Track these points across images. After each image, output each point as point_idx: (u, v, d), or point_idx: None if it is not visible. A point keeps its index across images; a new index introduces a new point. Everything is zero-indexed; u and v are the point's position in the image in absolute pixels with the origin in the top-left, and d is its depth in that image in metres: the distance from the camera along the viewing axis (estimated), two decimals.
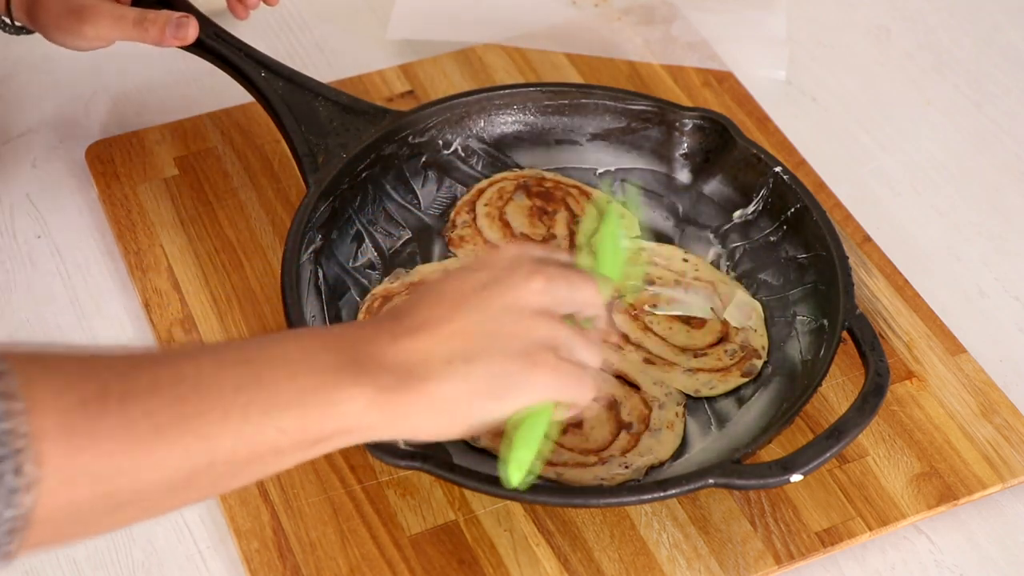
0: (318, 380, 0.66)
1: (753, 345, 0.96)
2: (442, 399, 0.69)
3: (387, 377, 0.68)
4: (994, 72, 1.23)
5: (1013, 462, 0.91)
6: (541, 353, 0.71)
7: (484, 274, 0.73)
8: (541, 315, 0.72)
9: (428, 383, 0.69)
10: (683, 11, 1.23)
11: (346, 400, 0.67)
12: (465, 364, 0.69)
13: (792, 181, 0.99)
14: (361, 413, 0.67)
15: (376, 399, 0.67)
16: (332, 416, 0.67)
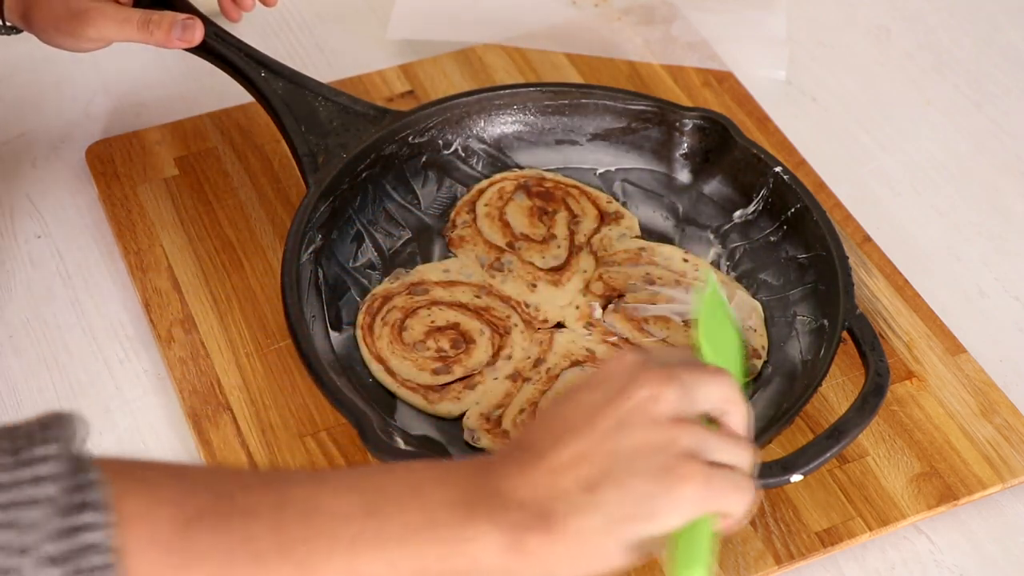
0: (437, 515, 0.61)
1: (752, 345, 0.96)
2: (585, 534, 0.62)
3: (517, 515, 0.62)
4: (994, 72, 1.23)
5: (1013, 462, 0.91)
6: (686, 465, 0.64)
7: (610, 388, 0.66)
8: (678, 423, 0.65)
9: (565, 519, 0.62)
10: (683, 11, 1.23)
11: (468, 540, 0.61)
12: (603, 491, 0.63)
13: (792, 181, 0.99)
14: (485, 554, 0.62)
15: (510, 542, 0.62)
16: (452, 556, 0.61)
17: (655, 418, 0.65)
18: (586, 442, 0.64)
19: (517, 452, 0.65)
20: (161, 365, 0.97)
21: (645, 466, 0.64)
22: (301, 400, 0.93)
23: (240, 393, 0.94)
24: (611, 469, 0.63)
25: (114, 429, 0.94)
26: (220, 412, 0.93)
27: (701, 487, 0.64)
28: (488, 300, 0.97)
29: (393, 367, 0.93)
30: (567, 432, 0.65)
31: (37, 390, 0.96)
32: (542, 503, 0.63)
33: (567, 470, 0.63)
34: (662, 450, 0.64)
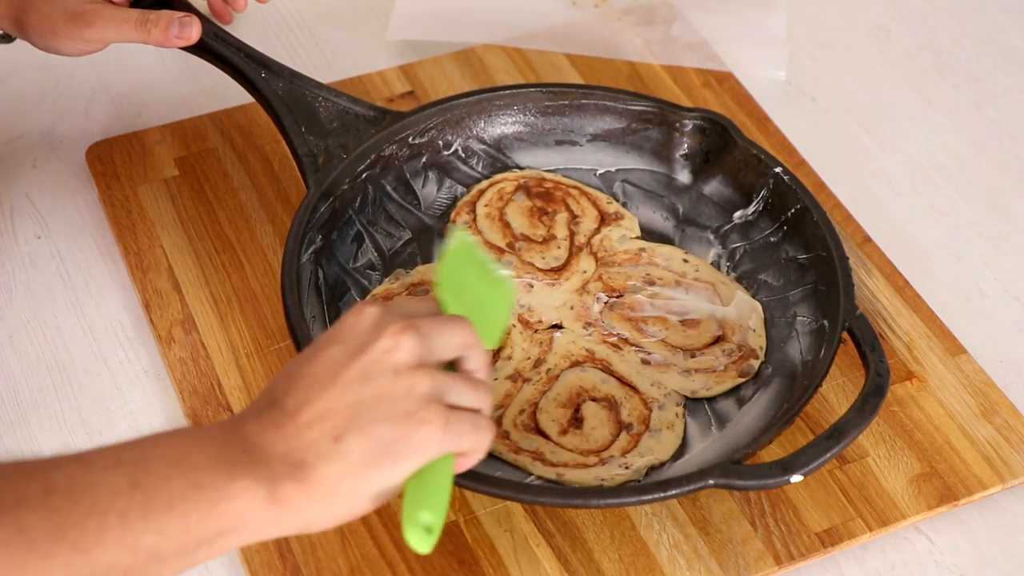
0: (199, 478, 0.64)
1: (751, 345, 0.96)
2: (333, 480, 0.67)
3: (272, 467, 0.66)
4: (994, 72, 1.23)
5: (1013, 462, 0.91)
6: (426, 409, 0.69)
7: (351, 342, 0.70)
8: (418, 369, 0.70)
9: (314, 468, 0.67)
10: (683, 11, 1.23)
11: (230, 497, 0.65)
12: (348, 439, 0.67)
13: (792, 181, 0.99)
14: (247, 509, 0.65)
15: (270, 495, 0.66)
16: (215, 515, 0.64)
17: (395, 367, 0.69)
18: (331, 396, 0.68)
19: (267, 410, 0.69)
20: (161, 365, 0.97)
21: (387, 413, 0.68)
22: None
23: (240, 394, 0.94)
24: (355, 419, 0.68)
25: (114, 429, 0.94)
26: (220, 412, 0.93)
27: (440, 429, 0.69)
28: None
29: None
30: (314, 388, 0.69)
31: (37, 390, 0.96)
32: (295, 455, 0.67)
33: (315, 423, 0.68)
34: (403, 397, 0.69)
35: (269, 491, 0.66)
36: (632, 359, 0.95)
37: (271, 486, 0.66)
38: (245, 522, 0.65)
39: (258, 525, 0.66)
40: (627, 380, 0.93)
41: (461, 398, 0.71)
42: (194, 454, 0.65)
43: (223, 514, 0.65)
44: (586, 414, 0.91)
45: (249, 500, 0.65)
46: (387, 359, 0.70)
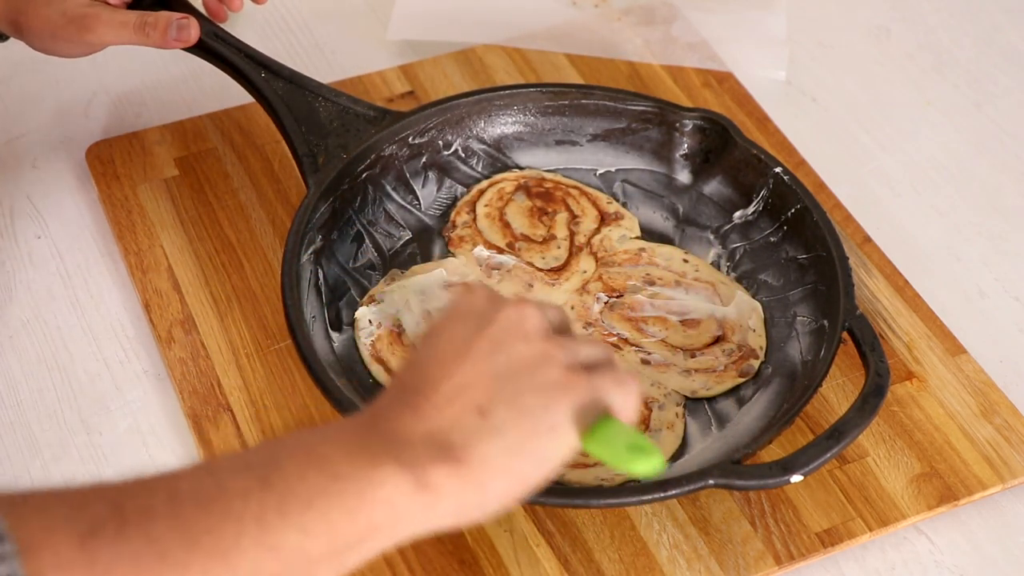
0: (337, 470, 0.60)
1: (751, 345, 0.96)
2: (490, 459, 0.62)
3: (417, 452, 0.61)
4: (994, 72, 1.23)
5: (1013, 462, 0.91)
6: (569, 374, 0.65)
7: (471, 319, 0.67)
8: (548, 338, 0.67)
9: (466, 448, 0.62)
10: (683, 11, 1.23)
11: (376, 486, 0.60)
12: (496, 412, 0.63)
13: (792, 181, 0.99)
14: (397, 499, 0.60)
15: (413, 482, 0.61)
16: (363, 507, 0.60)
17: (527, 335, 0.66)
18: (466, 370, 0.64)
19: (401, 395, 0.65)
20: (161, 365, 0.97)
21: (531, 382, 0.64)
22: (301, 401, 0.93)
23: (240, 394, 0.94)
24: (498, 391, 0.64)
25: (114, 429, 0.94)
26: (220, 413, 0.93)
27: (588, 390, 0.65)
28: None
29: (393, 368, 0.93)
30: (445, 366, 0.65)
31: (37, 390, 0.96)
32: (438, 436, 0.62)
33: (455, 399, 0.63)
34: (542, 364, 0.65)
35: (417, 477, 0.61)
36: (632, 359, 0.95)
37: (419, 472, 0.61)
38: (396, 513, 0.60)
39: (410, 517, 0.61)
40: None
41: (591, 357, 0.67)
42: (327, 448, 0.61)
43: (371, 505, 0.60)
44: None
45: (397, 488, 0.60)
46: (516, 329, 0.66)
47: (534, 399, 0.64)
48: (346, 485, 0.60)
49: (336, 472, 0.60)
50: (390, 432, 0.62)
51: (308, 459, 0.60)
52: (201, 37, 1.01)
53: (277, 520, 0.58)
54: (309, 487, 0.59)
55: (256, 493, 0.58)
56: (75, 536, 0.54)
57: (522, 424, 0.63)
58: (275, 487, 0.58)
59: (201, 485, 0.58)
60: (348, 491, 0.60)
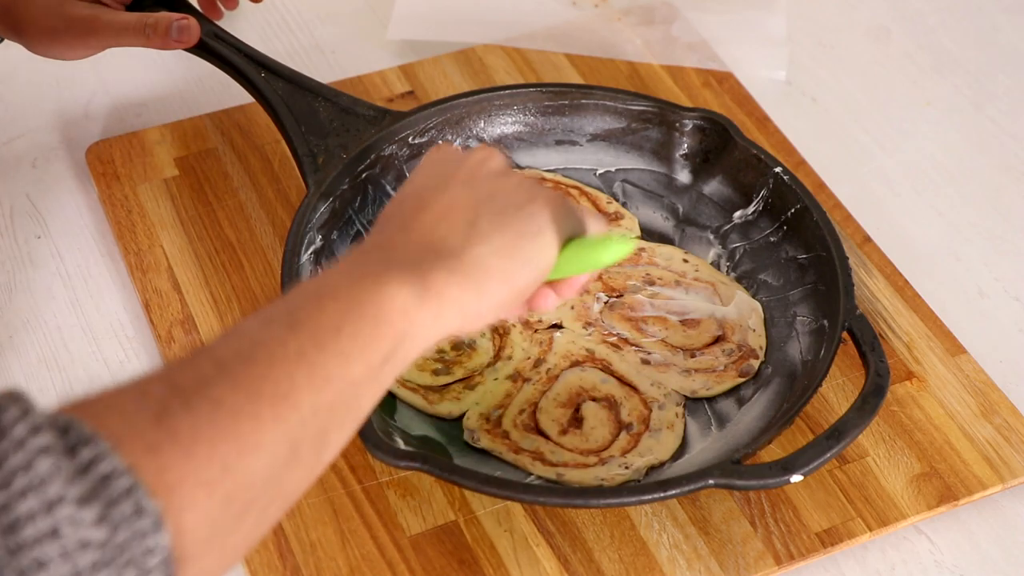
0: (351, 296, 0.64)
1: (751, 345, 0.96)
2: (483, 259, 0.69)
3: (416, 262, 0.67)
4: (994, 72, 1.23)
5: (1013, 462, 0.91)
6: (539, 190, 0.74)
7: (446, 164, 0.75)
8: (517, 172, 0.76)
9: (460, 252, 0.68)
10: (683, 12, 1.23)
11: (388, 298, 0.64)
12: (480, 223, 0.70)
13: (792, 181, 0.99)
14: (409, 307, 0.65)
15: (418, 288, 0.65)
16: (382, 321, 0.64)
17: (496, 171, 0.75)
18: (448, 195, 0.72)
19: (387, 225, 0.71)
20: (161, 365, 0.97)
21: (508, 199, 0.72)
22: None
23: None
24: (481, 206, 0.71)
25: None
26: None
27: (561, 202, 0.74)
28: None
29: None
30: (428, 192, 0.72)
31: (37, 390, 0.96)
32: (433, 244, 0.69)
33: (443, 218, 0.70)
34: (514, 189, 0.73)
35: (422, 284, 0.66)
36: (632, 359, 0.95)
37: (422, 279, 0.66)
38: (412, 321, 0.65)
39: (424, 323, 0.66)
40: (627, 380, 0.93)
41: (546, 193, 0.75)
42: (332, 281, 0.65)
43: (389, 317, 0.64)
44: (586, 414, 0.91)
45: (407, 298, 0.65)
46: (487, 165, 0.74)
47: (516, 209, 0.72)
48: (363, 307, 0.64)
49: (350, 297, 0.64)
50: (388, 252, 0.68)
51: (320, 296, 0.64)
52: (201, 37, 1.01)
53: (316, 353, 0.61)
54: (332, 317, 0.63)
55: (290, 337, 0.61)
56: (150, 420, 0.56)
57: (507, 231, 0.70)
58: (303, 326, 0.62)
59: (238, 345, 0.61)
60: (367, 311, 0.64)
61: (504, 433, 0.90)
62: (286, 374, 0.60)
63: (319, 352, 0.61)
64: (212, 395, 0.58)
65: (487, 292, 0.69)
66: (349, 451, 0.90)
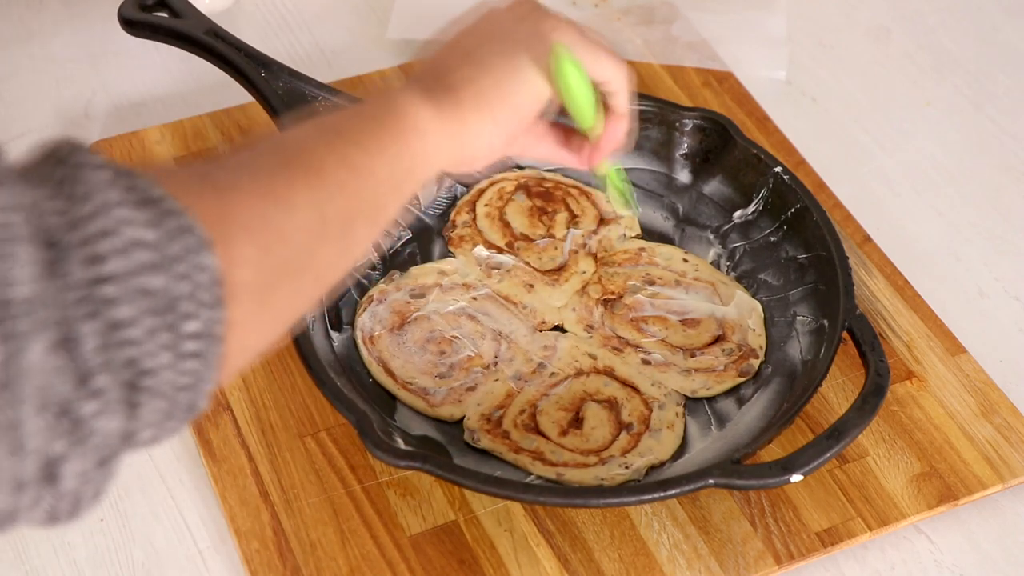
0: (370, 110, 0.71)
1: (751, 345, 0.96)
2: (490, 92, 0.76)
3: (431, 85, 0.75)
4: (994, 72, 1.23)
5: (1013, 462, 0.91)
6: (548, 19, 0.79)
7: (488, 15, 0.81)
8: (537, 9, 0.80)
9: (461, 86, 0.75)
10: (683, 11, 1.23)
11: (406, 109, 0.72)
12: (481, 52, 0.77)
13: (792, 181, 0.99)
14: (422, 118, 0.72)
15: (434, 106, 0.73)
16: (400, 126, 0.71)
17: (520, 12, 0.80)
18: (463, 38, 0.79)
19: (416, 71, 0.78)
20: None
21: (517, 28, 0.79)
22: (301, 400, 0.93)
23: (240, 393, 0.94)
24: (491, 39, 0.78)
25: None
26: (220, 412, 0.93)
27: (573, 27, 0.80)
28: (486, 303, 0.97)
29: (393, 369, 0.93)
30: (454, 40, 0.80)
31: None
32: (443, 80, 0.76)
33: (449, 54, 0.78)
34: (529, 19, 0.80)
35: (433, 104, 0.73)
36: (633, 360, 0.95)
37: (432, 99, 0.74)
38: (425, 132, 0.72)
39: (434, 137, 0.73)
40: (628, 381, 0.93)
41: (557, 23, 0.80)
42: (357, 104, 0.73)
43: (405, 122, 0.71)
44: (586, 414, 0.91)
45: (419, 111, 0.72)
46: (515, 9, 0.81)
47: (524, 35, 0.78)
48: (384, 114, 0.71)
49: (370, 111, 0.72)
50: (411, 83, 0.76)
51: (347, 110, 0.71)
52: (201, 37, 1.01)
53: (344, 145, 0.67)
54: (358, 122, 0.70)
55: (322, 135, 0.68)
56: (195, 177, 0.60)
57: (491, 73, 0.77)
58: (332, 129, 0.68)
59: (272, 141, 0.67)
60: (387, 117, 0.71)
61: (504, 433, 0.90)
62: (317, 156, 0.65)
63: (347, 145, 0.67)
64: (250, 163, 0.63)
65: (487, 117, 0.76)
66: (349, 451, 0.90)
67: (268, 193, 0.61)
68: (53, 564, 0.87)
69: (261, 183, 0.62)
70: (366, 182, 0.68)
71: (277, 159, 0.64)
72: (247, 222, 0.59)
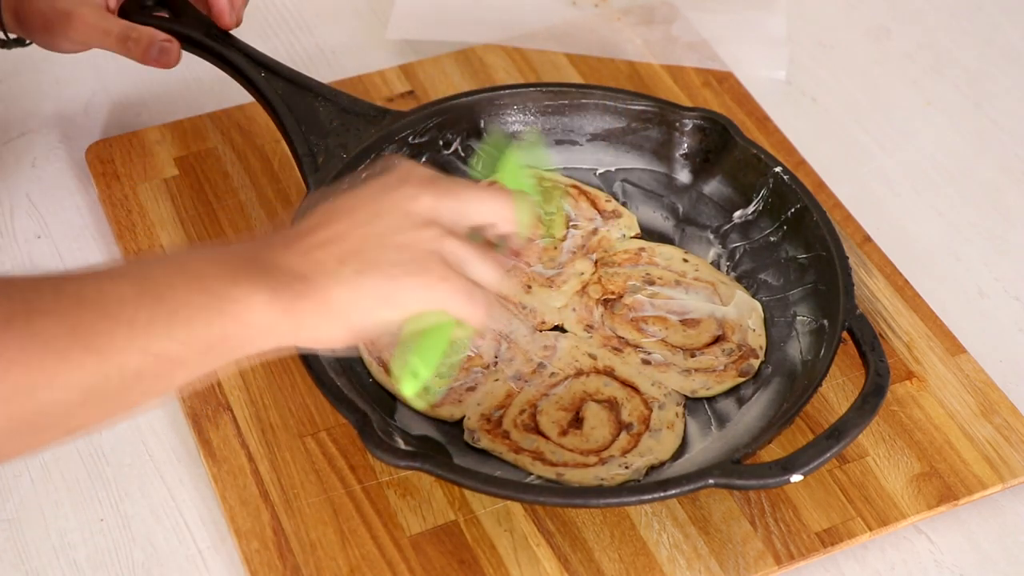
0: (206, 285, 0.67)
1: (751, 345, 0.96)
2: (335, 303, 0.70)
3: (281, 278, 0.69)
4: (994, 72, 1.23)
5: (1013, 462, 0.91)
6: (431, 262, 0.72)
7: (375, 186, 0.74)
8: (430, 226, 0.73)
9: (321, 287, 0.70)
10: (683, 11, 1.23)
11: (239, 300, 0.67)
12: (356, 270, 0.70)
13: (792, 181, 0.99)
14: (256, 314, 0.68)
15: (272, 301, 0.68)
16: (224, 320, 0.67)
17: (408, 213, 0.73)
18: (343, 224, 0.72)
19: (283, 232, 0.73)
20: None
21: (392, 255, 0.71)
22: (301, 400, 0.93)
23: (240, 393, 0.94)
24: (363, 249, 0.71)
25: (114, 429, 0.94)
26: (220, 412, 0.93)
27: (434, 283, 0.71)
28: None
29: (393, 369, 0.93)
30: (331, 216, 0.73)
31: None
32: (300, 269, 0.70)
33: (324, 245, 0.71)
34: (409, 245, 0.72)
35: (271, 297, 0.68)
36: (633, 360, 0.95)
37: (273, 293, 0.68)
38: (249, 327, 0.68)
39: (261, 331, 0.69)
40: (628, 381, 0.93)
41: (467, 266, 0.73)
42: (200, 265, 0.68)
43: (228, 317, 0.67)
44: (586, 414, 0.91)
45: (252, 305, 0.68)
46: (404, 205, 0.73)
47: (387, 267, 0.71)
48: (209, 299, 0.67)
49: (203, 286, 0.67)
50: (259, 259, 0.70)
51: (180, 271, 0.67)
52: (201, 37, 1.01)
53: (146, 325, 0.65)
54: (176, 297, 0.66)
55: (131, 299, 0.65)
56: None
57: (366, 282, 0.71)
58: (147, 294, 0.65)
59: (83, 287, 0.64)
60: (211, 304, 0.67)
61: (504, 433, 0.90)
62: (108, 331, 0.63)
63: (148, 324, 0.65)
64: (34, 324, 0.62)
65: (323, 327, 0.71)
66: (349, 451, 0.90)
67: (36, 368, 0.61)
68: (53, 564, 0.87)
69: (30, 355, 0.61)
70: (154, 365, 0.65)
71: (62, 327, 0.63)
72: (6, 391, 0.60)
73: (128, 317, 0.64)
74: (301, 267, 0.70)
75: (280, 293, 0.68)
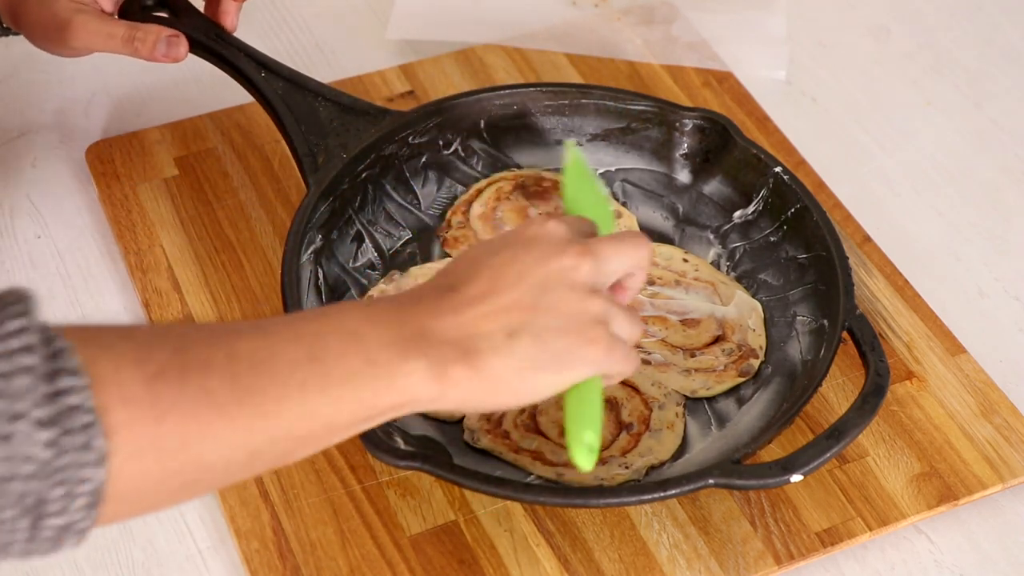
0: (374, 356, 0.67)
1: (751, 345, 0.96)
2: (501, 373, 0.70)
3: (444, 350, 0.69)
4: (994, 72, 1.23)
5: (1013, 462, 0.91)
6: (595, 329, 0.72)
7: (536, 251, 0.74)
8: (593, 293, 0.73)
9: (486, 358, 0.70)
10: (683, 11, 1.23)
11: (403, 375, 0.68)
12: (522, 339, 0.70)
13: (792, 181, 0.99)
14: (418, 387, 0.68)
15: (434, 373, 0.69)
16: (389, 391, 0.68)
17: (573, 285, 0.73)
18: (513, 295, 0.71)
19: (447, 294, 0.72)
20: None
21: (560, 324, 0.72)
22: None
23: None
24: (531, 322, 0.71)
25: None
26: None
27: (603, 350, 0.73)
28: None
29: None
30: (497, 282, 0.72)
31: None
32: (467, 342, 0.70)
33: (493, 317, 0.71)
34: (577, 314, 0.72)
35: (439, 372, 0.69)
36: None
37: (441, 368, 0.69)
38: (413, 399, 0.69)
39: (423, 401, 0.69)
40: (628, 381, 0.93)
41: (620, 328, 0.74)
42: (369, 332, 0.68)
43: (395, 391, 0.68)
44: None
45: (419, 379, 0.68)
46: (568, 276, 0.73)
47: (557, 339, 0.71)
48: (378, 371, 0.67)
49: (373, 357, 0.67)
50: (427, 329, 0.70)
51: (350, 340, 0.67)
52: (201, 37, 1.01)
53: (316, 392, 0.65)
54: (348, 367, 0.67)
55: (303, 364, 0.65)
56: (141, 376, 0.60)
57: (536, 355, 0.71)
58: (319, 361, 0.66)
59: (256, 348, 0.65)
60: (380, 376, 0.67)
61: (504, 433, 0.90)
62: (277, 397, 0.64)
63: (319, 392, 0.65)
64: (207, 383, 0.62)
65: (489, 398, 0.71)
66: (349, 451, 0.90)
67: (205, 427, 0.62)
68: (53, 564, 0.87)
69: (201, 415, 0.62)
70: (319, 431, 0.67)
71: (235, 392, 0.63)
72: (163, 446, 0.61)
73: (299, 382, 0.65)
74: (468, 339, 0.70)
75: (448, 367, 0.69)
